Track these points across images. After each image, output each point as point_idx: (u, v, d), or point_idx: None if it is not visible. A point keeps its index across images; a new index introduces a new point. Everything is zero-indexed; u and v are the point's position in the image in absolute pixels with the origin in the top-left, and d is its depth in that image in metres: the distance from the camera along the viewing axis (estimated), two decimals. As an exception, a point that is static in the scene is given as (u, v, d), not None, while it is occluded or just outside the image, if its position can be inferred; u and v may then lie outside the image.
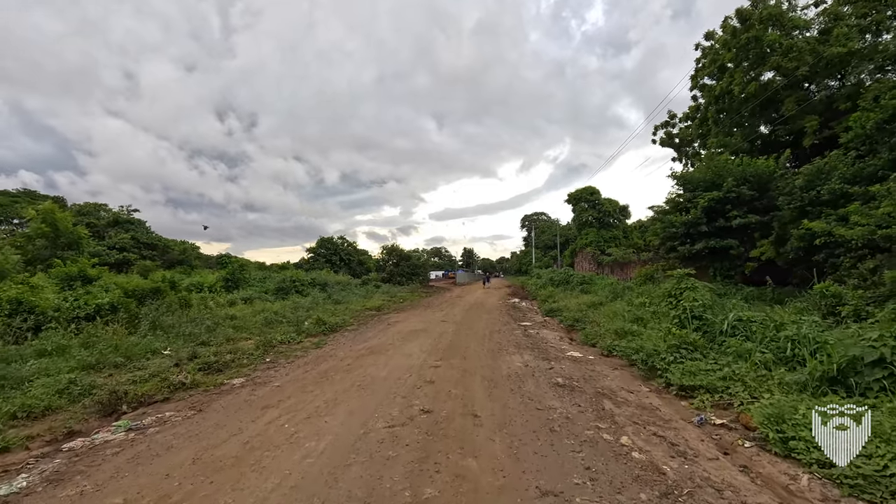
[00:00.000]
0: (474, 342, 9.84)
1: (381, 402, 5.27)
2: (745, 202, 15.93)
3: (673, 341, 6.85)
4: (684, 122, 29.10)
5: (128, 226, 33.07)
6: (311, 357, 8.70)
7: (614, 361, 8.18)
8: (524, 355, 8.35)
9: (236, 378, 7.06)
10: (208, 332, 11.02)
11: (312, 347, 9.94)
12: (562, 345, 9.86)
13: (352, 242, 50.37)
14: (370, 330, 12.62)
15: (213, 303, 16.27)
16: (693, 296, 7.71)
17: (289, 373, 7.29)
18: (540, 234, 70.24)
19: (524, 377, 6.63)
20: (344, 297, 24.01)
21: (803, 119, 18.77)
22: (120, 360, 7.88)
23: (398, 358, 8.09)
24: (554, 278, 28.17)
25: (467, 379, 6.48)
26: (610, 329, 10.91)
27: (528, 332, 11.56)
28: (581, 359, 8.26)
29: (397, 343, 9.81)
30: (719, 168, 16.59)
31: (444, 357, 8.10)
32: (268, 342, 10.23)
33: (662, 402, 5.55)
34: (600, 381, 6.50)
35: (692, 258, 17.04)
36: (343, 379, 6.56)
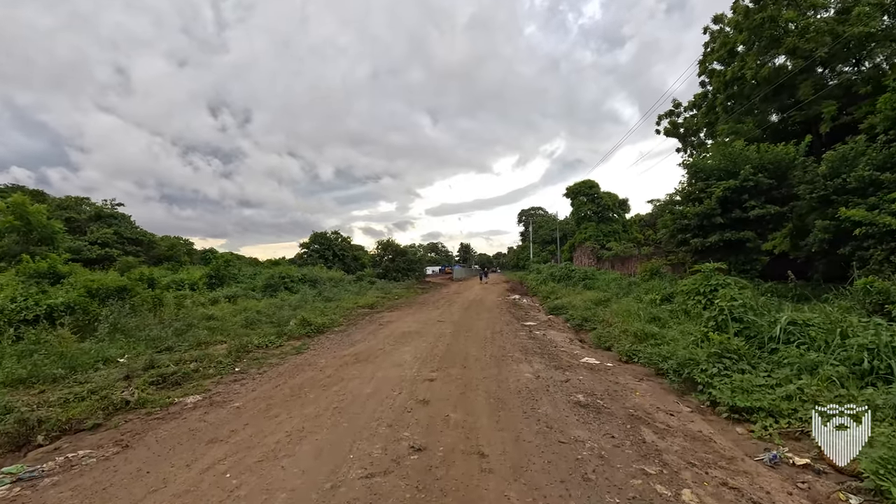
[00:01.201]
0: (475, 346, 8.72)
1: (360, 434, 4.12)
2: (763, 191, 14.86)
3: (713, 349, 5.74)
4: (689, 110, 28.02)
5: (111, 220, 31.67)
6: (288, 366, 7.54)
7: (637, 370, 7.08)
8: (533, 363, 7.23)
9: (192, 395, 5.90)
10: (177, 335, 9.85)
11: (292, 353, 8.79)
12: (573, 348, 8.76)
13: (346, 237, 49.21)
14: (359, 331, 11.47)
15: (190, 301, 15.05)
16: (730, 294, 6.60)
17: (256, 387, 6.13)
18: (537, 229, 69.15)
19: (537, 393, 5.50)
20: (335, 294, 22.83)
21: (820, 104, 17.67)
22: (60, 372, 6.70)
23: (387, 368, 6.94)
24: (555, 273, 27.06)
25: (469, 397, 5.34)
26: (625, 330, 9.82)
27: (534, 334, 10.45)
28: (599, 366, 7.15)
29: (388, 348, 8.66)
30: (735, 155, 15.48)
31: (441, 366, 6.96)
32: (242, 347, 9.07)
33: (713, 428, 4.44)
34: (629, 398, 5.39)
35: (704, 252, 15.95)
36: (318, 398, 5.40)
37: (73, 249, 26.82)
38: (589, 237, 40.76)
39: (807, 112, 18.52)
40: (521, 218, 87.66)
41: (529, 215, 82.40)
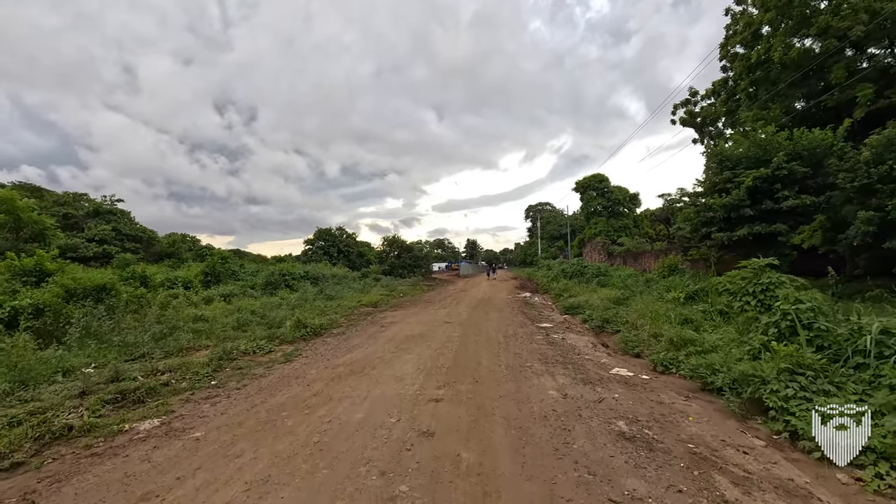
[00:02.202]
0: (487, 353, 7.67)
1: (341, 489, 3.08)
2: (797, 180, 13.67)
3: (781, 363, 4.66)
4: (707, 99, 26.74)
5: (110, 217, 30.85)
6: (272, 378, 6.53)
7: (677, 383, 6.02)
8: (557, 376, 6.17)
9: (151, 418, 4.91)
10: (156, 340, 8.90)
11: (280, 361, 7.79)
12: (598, 356, 7.69)
13: (351, 234, 48.23)
14: (359, 335, 10.45)
15: (181, 301, 14.13)
16: (794, 295, 5.51)
17: (228, 408, 5.13)
18: (545, 225, 67.86)
19: (568, 419, 4.46)
20: (338, 292, 21.88)
21: (854, 88, 16.37)
22: (4, 387, 5.75)
23: (386, 382, 5.91)
24: (566, 270, 25.93)
25: (483, 426, 4.30)
26: (655, 334, 8.75)
27: (552, 338, 9.39)
28: (633, 380, 6.09)
29: (388, 356, 7.64)
30: (766, 142, 14.28)
31: (449, 380, 5.92)
32: (226, 353, 8.09)
33: (807, 474, 3.37)
34: (682, 426, 4.33)
35: (731, 246, 14.80)
36: (297, 426, 4.38)
37: (69, 247, 26.07)
38: (599, 232, 39.51)
39: (839, 97, 17.23)
40: (528, 214, 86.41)
41: (537, 211, 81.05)
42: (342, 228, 45.78)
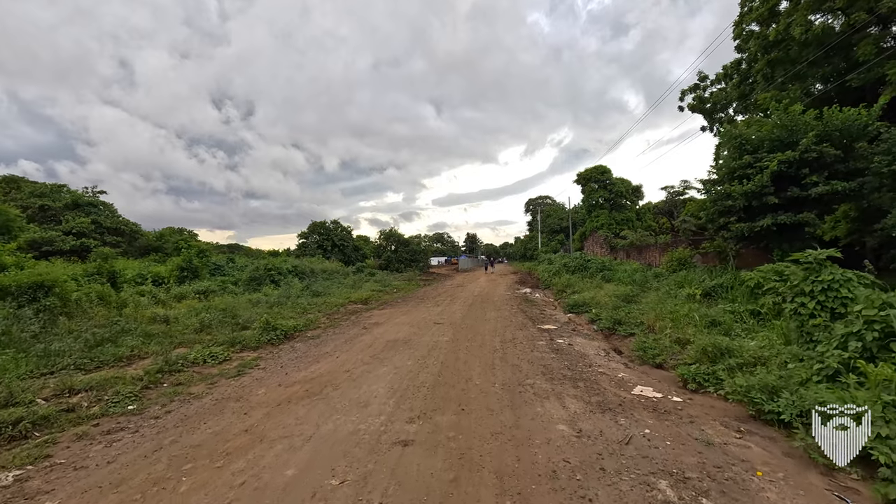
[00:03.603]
0: (480, 366, 6.33)
1: None
2: (826, 164, 12.27)
3: (882, 394, 3.34)
4: (717, 83, 25.29)
5: (90, 209, 29.38)
6: (206, 402, 5.17)
7: (718, 406, 4.69)
8: (566, 398, 4.83)
9: (7, 469, 3.56)
10: (91, 347, 7.55)
11: (231, 375, 6.44)
12: (614, 367, 6.34)
13: (346, 227, 46.69)
14: (335, 338, 9.11)
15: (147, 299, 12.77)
16: (882, 299, 4.16)
17: (121, 453, 3.78)
18: (545, 219, 66.40)
19: (587, 476, 3.12)
20: (326, 288, 20.54)
21: (884, 66, 14.93)
22: None
23: (344, 411, 4.56)
24: (569, 264, 24.53)
25: (466, 492, 2.96)
26: (679, 339, 7.43)
27: (556, 343, 8.05)
28: (664, 404, 4.75)
29: (359, 369, 6.28)
30: (791, 122, 12.85)
31: (427, 409, 4.57)
32: (170, 364, 6.75)
33: None
34: (749, 487, 3.00)
35: (752, 238, 13.39)
36: (195, 492, 3.04)
37: (44, 240, 24.71)
38: (601, 226, 38.13)
39: (866, 76, 15.80)
40: (528, 207, 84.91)
41: (537, 204, 79.53)
42: (337, 222, 44.24)
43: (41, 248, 24.81)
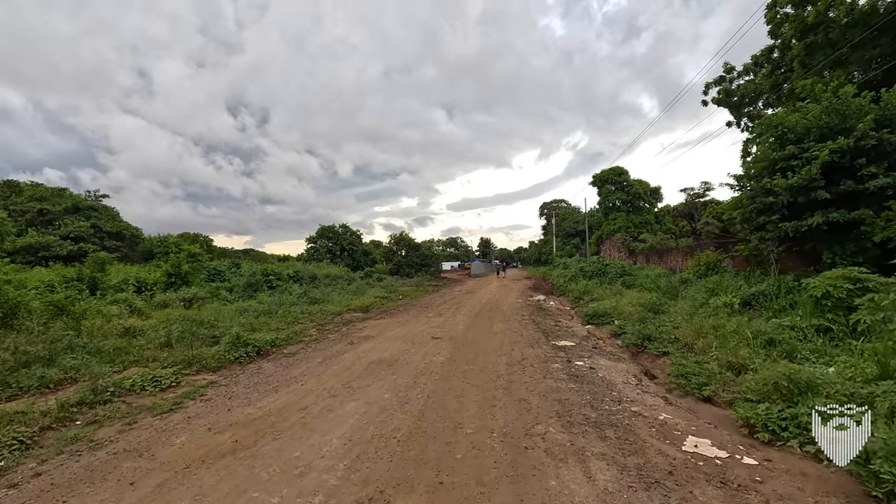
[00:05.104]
0: (477, 401, 4.92)
1: None
2: (886, 153, 10.57)
3: None
4: (745, 75, 23.54)
5: (90, 213, 28.76)
6: (100, 458, 3.86)
7: (813, 473, 3.22)
8: (590, 460, 3.41)
9: None
10: (14, 370, 6.33)
11: (165, 409, 5.13)
12: (651, 403, 4.87)
13: (355, 231, 45.60)
14: (311, 357, 7.77)
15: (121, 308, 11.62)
16: None
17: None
18: (560, 222, 64.55)
19: None
20: (326, 295, 19.28)
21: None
22: None
23: (265, 486, 3.18)
24: (586, 269, 22.92)
25: None
26: (730, 363, 5.92)
27: (575, 366, 6.58)
28: (734, 473, 3.29)
29: (319, 405, 4.91)
30: (844, 106, 11.19)
31: (391, 479, 3.16)
32: (96, 393, 5.48)
33: None
34: None
35: (797, 239, 11.66)
36: None
37: (41, 245, 24.02)
38: (619, 229, 36.31)
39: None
40: (542, 211, 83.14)
41: (552, 208, 77.68)
42: (346, 226, 43.10)
43: (38, 254, 24.16)
